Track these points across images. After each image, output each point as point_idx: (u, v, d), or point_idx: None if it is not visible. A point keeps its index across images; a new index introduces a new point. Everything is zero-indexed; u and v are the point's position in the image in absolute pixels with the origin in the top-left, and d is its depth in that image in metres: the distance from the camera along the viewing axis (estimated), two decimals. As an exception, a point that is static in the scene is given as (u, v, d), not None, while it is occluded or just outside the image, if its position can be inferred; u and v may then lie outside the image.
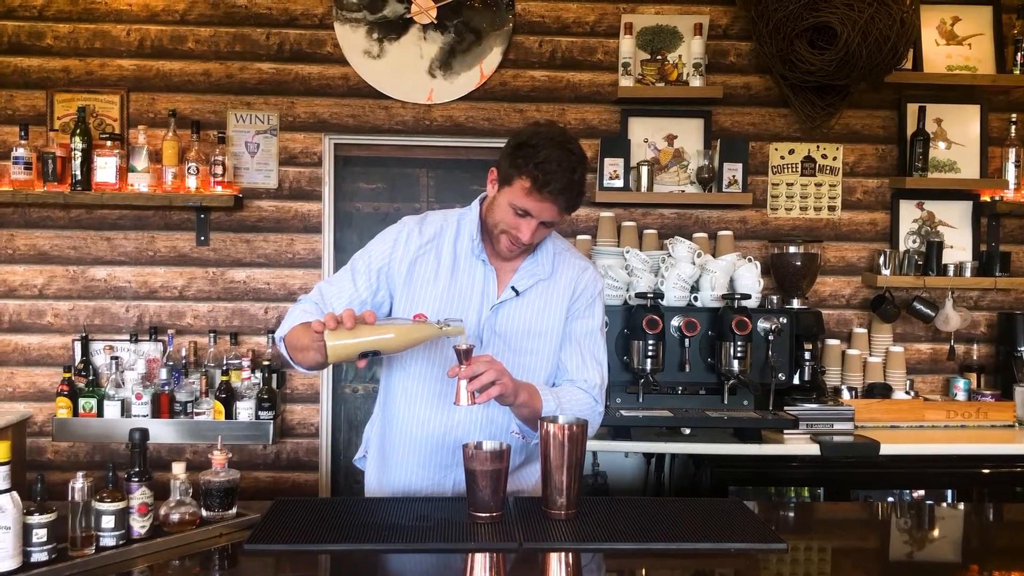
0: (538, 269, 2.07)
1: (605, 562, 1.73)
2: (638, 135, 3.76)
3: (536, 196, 1.89)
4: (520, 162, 1.90)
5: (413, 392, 2.06)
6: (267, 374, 3.50)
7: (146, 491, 1.71)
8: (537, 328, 2.05)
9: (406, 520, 1.84)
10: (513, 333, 2.04)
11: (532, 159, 1.88)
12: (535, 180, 1.87)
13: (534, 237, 1.97)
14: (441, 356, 2.02)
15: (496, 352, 1.99)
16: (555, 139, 1.92)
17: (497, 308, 2.03)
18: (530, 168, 1.88)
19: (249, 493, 3.50)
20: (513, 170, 1.91)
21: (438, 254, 2.05)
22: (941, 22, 3.80)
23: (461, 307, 2.02)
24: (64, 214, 3.65)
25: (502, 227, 1.98)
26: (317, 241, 3.71)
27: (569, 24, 3.74)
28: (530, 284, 2.05)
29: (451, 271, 2.04)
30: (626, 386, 3.21)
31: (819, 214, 3.82)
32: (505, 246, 2.00)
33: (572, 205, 1.94)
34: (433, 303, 2.01)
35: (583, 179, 1.94)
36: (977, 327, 3.84)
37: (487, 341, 2.02)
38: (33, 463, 3.60)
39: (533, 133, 1.94)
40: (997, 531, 2.16)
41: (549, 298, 2.07)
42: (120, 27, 3.65)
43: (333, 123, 3.70)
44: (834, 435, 3.21)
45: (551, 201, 1.90)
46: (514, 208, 1.93)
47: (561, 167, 1.87)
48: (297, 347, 1.95)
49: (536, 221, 1.94)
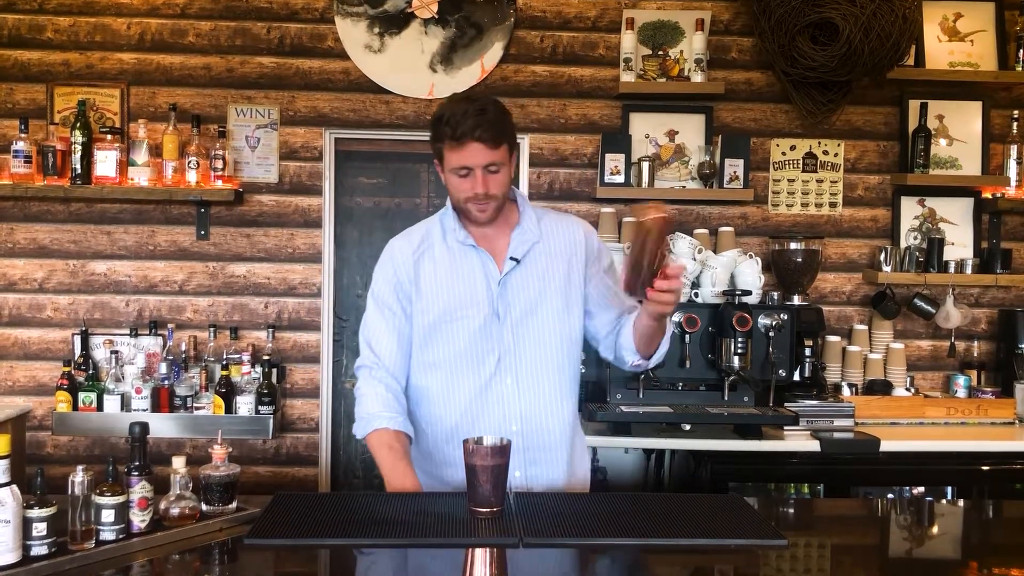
0: (528, 235, 2.15)
1: (605, 558, 1.73)
2: (639, 131, 3.76)
3: (459, 147, 1.99)
4: (437, 133, 2.03)
5: (450, 391, 2.14)
6: (267, 369, 3.49)
7: (146, 485, 1.71)
8: (545, 290, 2.13)
9: (406, 515, 1.84)
10: (525, 301, 2.12)
11: (441, 123, 2.00)
12: (450, 136, 1.99)
13: (488, 186, 2.03)
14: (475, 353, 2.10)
15: (512, 321, 2.10)
16: (456, 99, 2.06)
17: (504, 282, 2.11)
18: (443, 129, 2.00)
19: (249, 488, 3.49)
20: (438, 144, 2.03)
21: (432, 254, 2.15)
22: (943, 18, 3.80)
23: (468, 293, 2.10)
24: (64, 208, 3.65)
25: (462, 197, 2.06)
26: (317, 236, 3.70)
27: (571, 19, 3.73)
28: (526, 250, 2.13)
29: (449, 264, 2.13)
30: (626, 382, 3.21)
31: (820, 210, 3.81)
32: (475, 210, 2.07)
33: (497, 137, 2.00)
34: (443, 296, 2.11)
35: (499, 115, 2.02)
36: (978, 324, 3.84)
37: (503, 315, 2.10)
38: (33, 457, 3.60)
39: (439, 107, 2.07)
40: (997, 528, 2.16)
41: (549, 259, 2.15)
42: (120, 21, 3.64)
43: (334, 117, 3.70)
44: (834, 431, 3.21)
45: (474, 142, 1.98)
46: (456, 172, 2.03)
47: (466, 113, 1.98)
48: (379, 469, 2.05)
49: (479, 171, 2.01)
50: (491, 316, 2.09)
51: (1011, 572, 1.76)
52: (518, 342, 2.11)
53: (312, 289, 3.71)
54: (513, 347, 2.10)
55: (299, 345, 3.71)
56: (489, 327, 2.10)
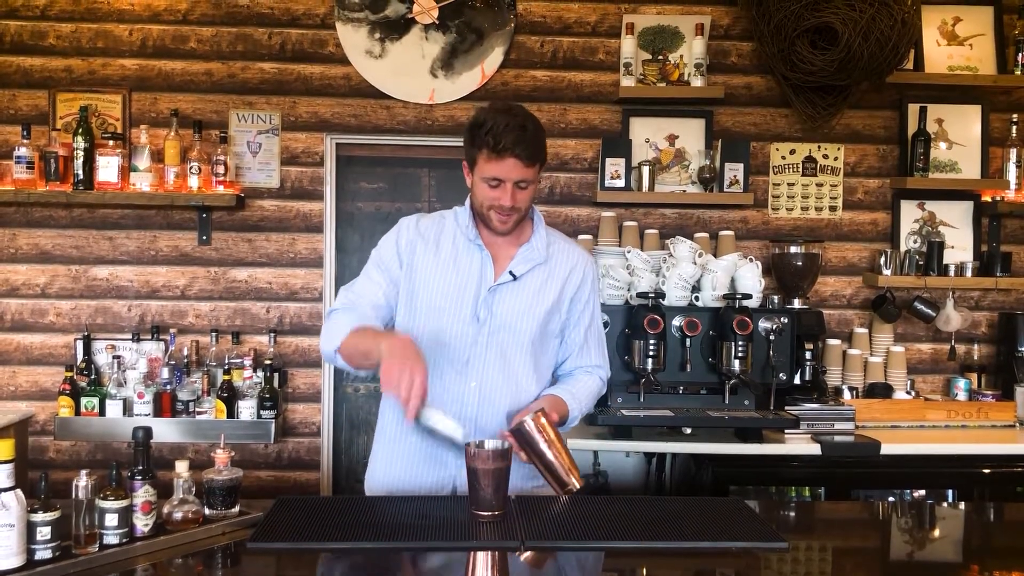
0: (534, 255, 2.17)
1: (607, 561, 1.74)
2: (639, 135, 3.77)
3: (497, 159, 2.02)
4: (475, 140, 2.05)
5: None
6: (269, 373, 3.50)
7: (149, 489, 1.72)
8: (530, 310, 2.15)
9: (408, 519, 1.85)
10: (507, 312, 2.14)
11: (482, 131, 2.03)
12: (490, 146, 2.01)
13: (516, 200, 2.06)
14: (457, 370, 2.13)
15: (490, 328, 2.11)
16: (498, 109, 2.07)
17: (494, 290, 2.13)
18: (483, 138, 2.02)
19: (251, 492, 3.49)
20: (473, 149, 2.06)
21: (437, 245, 2.17)
22: (942, 22, 3.81)
23: (459, 289, 2.12)
24: (66, 213, 3.66)
25: (486, 204, 2.09)
26: (319, 241, 3.71)
27: (571, 24, 3.74)
28: (527, 269, 2.16)
29: (451, 255, 2.15)
30: (627, 386, 3.21)
31: (820, 214, 3.82)
32: (497, 220, 2.10)
33: (534, 157, 2.04)
34: (434, 283, 2.13)
35: (537, 133, 2.06)
36: (978, 327, 3.85)
37: (483, 320, 2.12)
38: (35, 462, 3.61)
39: (479, 112, 2.10)
40: (997, 531, 2.16)
41: (544, 282, 2.17)
42: (122, 27, 3.65)
43: (335, 123, 3.71)
44: (835, 435, 3.22)
45: (512, 158, 2.01)
46: (487, 181, 2.06)
47: (508, 127, 2.01)
48: (357, 353, 2.02)
49: (510, 184, 2.04)
50: (472, 317, 2.11)
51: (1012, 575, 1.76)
52: (490, 350, 2.11)
53: (313, 294, 3.72)
54: (484, 353, 2.11)
55: (301, 349, 3.72)
56: (467, 327, 2.11)
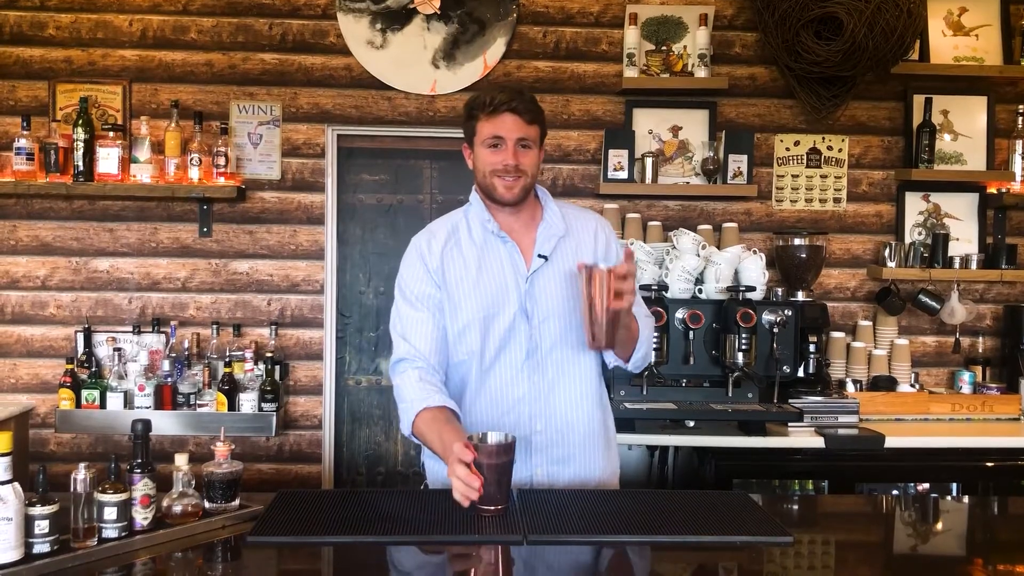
0: (553, 229, 2.15)
1: (610, 555, 1.73)
2: (643, 126, 3.74)
3: (494, 117, 2.04)
4: (472, 111, 2.10)
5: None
6: (270, 366, 3.49)
7: (148, 483, 1.70)
8: (571, 292, 2.12)
9: (410, 512, 1.84)
10: (552, 297, 2.11)
11: (477, 101, 2.09)
12: (486, 108, 2.05)
13: (519, 159, 2.06)
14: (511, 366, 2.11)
15: (539, 318, 2.09)
16: (492, 85, 2.16)
17: (532, 279, 2.11)
18: (479, 107, 2.07)
19: (252, 485, 3.51)
20: (471, 121, 2.10)
21: (460, 249, 2.14)
22: (948, 13, 3.78)
23: (498, 289, 2.09)
24: (66, 205, 3.64)
25: (489, 170, 2.08)
26: (320, 233, 3.70)
27: (573, 15, 3.72)
28: (553, 245, 2.13)
29: (478, 259, 2.12)
30: (630, 378, 3.20)
31: (824, 206, 3.80)
32: (502, 186, 2.08)
33: (532, 113, 2.06)
34: (473, 296, 2.09)
35: (532, 99, 2.09)
36: (983, 320, 3.83)
37: (531, 314, 2.09)
38: (36, 455, 3.60)
39: (473, 93, 2.19)
40: (1002, 524, 2.15)
41: (576, 255, 2.14)
42: (122, 17, 3.63)
43: (336, 114, 3.69)
44: (839, 428, 3.20)
45: (509, 113, 2.04)
46: (487, 146, 2.06)
47: (503, 91, 2.07)
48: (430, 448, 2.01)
49: (511, 142, 2.04)
50: (520, 314, 2.09)
51: (1016, 568, 1.75)
52: (544, 342, 2.10)
53: (315, 286, 3.71)
54: (540, 346, 2.10)
55: (302, 342, 3.71)
56: (518, 325, 2.09)
